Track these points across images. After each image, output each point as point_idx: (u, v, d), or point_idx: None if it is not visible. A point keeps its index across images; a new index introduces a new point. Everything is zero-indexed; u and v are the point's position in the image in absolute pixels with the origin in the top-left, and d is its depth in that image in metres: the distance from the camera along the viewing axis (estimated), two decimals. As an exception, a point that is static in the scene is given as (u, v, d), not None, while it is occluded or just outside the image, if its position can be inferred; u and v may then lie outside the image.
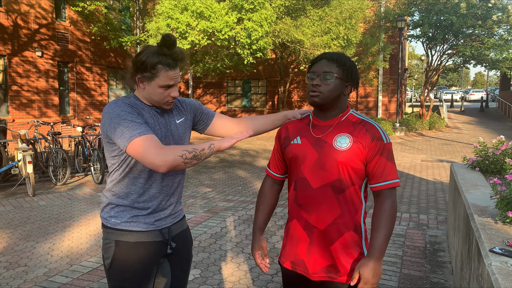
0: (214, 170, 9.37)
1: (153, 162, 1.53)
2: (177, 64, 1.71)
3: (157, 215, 1.79)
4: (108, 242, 1.77)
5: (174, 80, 1.70)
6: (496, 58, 17.16)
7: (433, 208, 5.98)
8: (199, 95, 23.04)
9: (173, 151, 1.55)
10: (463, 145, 13.42)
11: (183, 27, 10.55)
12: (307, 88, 1.68)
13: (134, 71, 1.72)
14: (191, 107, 1.95)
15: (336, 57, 1.65)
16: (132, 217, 1.75)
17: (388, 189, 1.64)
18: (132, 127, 1.58)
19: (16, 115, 12.70)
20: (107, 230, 1.78)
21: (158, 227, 1.79)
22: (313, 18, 13.71)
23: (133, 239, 1.74)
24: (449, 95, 37.96)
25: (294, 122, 1.83)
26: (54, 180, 7.84)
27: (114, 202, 1.77)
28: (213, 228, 5.08)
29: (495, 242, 2.02)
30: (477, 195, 3.02)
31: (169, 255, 1.87)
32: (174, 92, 1.73)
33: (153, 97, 1.73)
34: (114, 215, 1.76)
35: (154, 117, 1.76)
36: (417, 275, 3.67)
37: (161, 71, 1.67)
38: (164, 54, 1.67)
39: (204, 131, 2.02)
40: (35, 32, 13.19)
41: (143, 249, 1.75)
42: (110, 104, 1.68)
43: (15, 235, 4.90)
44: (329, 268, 1.67)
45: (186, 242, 1.95)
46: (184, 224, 1.96)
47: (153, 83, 1.69)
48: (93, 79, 15.43)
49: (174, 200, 1.86)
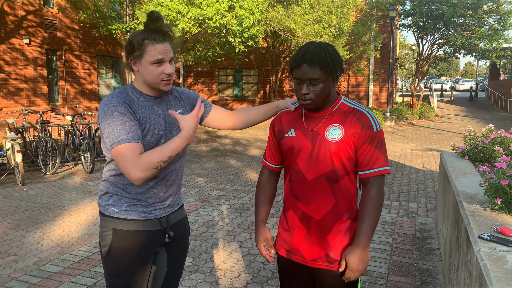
0: (205, 159, 9.35)
1: (129, 176, 1.57)
2: (165, 39, 1.68)
3: (156, 205, 1.79)
4: (105, 230, 1.76)
5: (164, 54, 1.66)
6: (486, 48, 17.28)
7: (423, 196, 6.05)
8: (190, 84, 22.88)
9: (148, 164, 1.56)
10: (452, 134, 13.56)
11: (174, 14, 10.41)
12: (296, 93, 1.65)
13: (127, 55, 1.71)
14: (190, 98, 1.92)
15: (317, 60, 1.56)
16: (131, 205, 1.74)
17: (375, 177, 1.64)
18: (119, 131, 1.59)
19: (4, 104, 12.50)
20: (104, 218, 1.77)
21: (156, 216, 1.79)
22: (305, 6, 13.63)
23: (131, 228, 1.73)
24: (439, 85, 38.15)
25: (287, 113, 1.81)
26: (44, 170, 7.76)
27: (111, 191, 1.76)
28: (205, 216, 5.09)
29: (484, 229, 2.05)
30: (467, 183, 3.05)
31: (167, 243, 1.86)
32: (167, 68, 1.68)
33: (147, 78, 1.69)
34: (113, 204, 1.76)
35: (151, 109, 1.73)
36: (407, 262, 3.72)
37: (148, 46, 1.64)
38: (150, 29, 1.65)
39: (201, 123, 1.99)
40: (22, 19, 12.93)
41: (141, 238, 1.75)
42: (106, 100, 1.66)
43: (4, 224, 4.86)
44: (326, 257, 1.68)
45: (184, 231, 1.94)
46: (182, 212, 1.95)
47: (144, 62, 1.67)
48: (82, 68, 15.22)
49: (173, 191, 1.84)
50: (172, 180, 1.82)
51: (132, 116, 1.64)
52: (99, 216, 1.82)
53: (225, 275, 3.51)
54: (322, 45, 1.60)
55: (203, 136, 13.05)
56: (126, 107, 1.65)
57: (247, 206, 5.57)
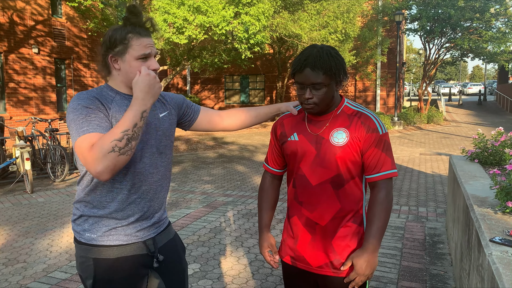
0: (213, 165, 9.36)
1: (91, 172, 1.36)
2: (149, 33, 1.56)
3: (139, 224, 1.59)
4: (84, 261, 1.54)
5: (150, 48, 1.53)
6: (494, 51, 17.15)
7: (432, 200, 5.99)
8: (197, 91, 22.98)
9: (102, 150, 1.33)
10: (461, 138, 13.43)
11: (180, 21, 10.49)
12: (298, 97, 1.62)
13: (105, 52, 1.54)
14: (174, 101, 1.79)
15: (320, 64, 1.52)
16: (110, 229, 1.54)
17: (383, 180, 1.62)
18: (81, 124, 1.40)
19: (14, 112, 12.65)
20: (81, 246, 1.55)
21: (141, 239, 1.59)
22: (310, 12, 13.66)
23: (113, 255, 1.53)
24: (447, 88, 37.94)
25: (289, 117, 1.78)
26: (53, 177, 7.81)
27: (87, 213, 1.55)
28: (212, 222, 5.08)
29: (495, 232, 2.01)
30: (477, 186, 3.01)
31: (160, 268, 1.66)
32: (154, 63, 1.54)
33: (130, 75, 1.52)
34: (88, 229, 1.54)
35: None
36: (417, 267, 3.67)
37: (133, 40, 1.50)
38: (132, 23, 1.52)
39: (190, 127, 1.87)
40: (31, 28, 13.11)
41: (127, 264, 1.55)
42: (73, 97, 1.50)
43: (13, 231, 4.88)
44: (332, 263, 1.66)
45: (177, 252, 1.74)
46: (170, 232, 1.75)
47: (127, 57, 1.51)
48: (90, 76, 15.38)
49: (157, 206, 1.65)
50: (157, 193, 1.63)
51: (100, 109, 1.46)
52: (74, 243, 1.59)
53: (233, 281, 3.48)
54: (324, 48, 1.57)
55: (210, 143, 13.07)
56: (94, 101, 1.47)
57: (254, 212, 5.55)
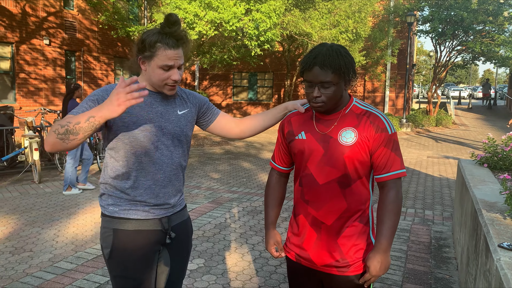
0: (219, 161, 9.37)
1: None
2: (178, 45, 1.63)
3: (156, 206, 1.76)
4: (106, 231, 1.74)
5: (174, 61, 1.62)
6: (506, 55, 16.95)
7: (439, 204, 5.95)
8: (205, 86, 22.99)
9: (51, 128, 1.51)
10: (470, 142, 13.32)
11: (191, 17, 10.49)
12: (307, 96, 1.62)
13: (136, 52, 1.68)
14: (197, 100, 1.89)
15: (329, 62, 1.52)
16: (131, 205, 1.72)
17: (392, 180, 1.61)
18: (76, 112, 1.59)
19: (23, 103, 12.75)
20: (105, 218, 1.75)
21: (157, 216, 1.76)
22: (322, 10, 13.58)
23: (131, 227, 1.71)
24: (456, 92, 37.58)
25: (297, 115, 1.77)
26: (60, 168, 7.87)
27: (111, 193, 1.75)
28: (218, 218, 5.09)
29: (504, 238, 1.99)
30: (486, 191, 2.99)
31: (169, 244, 1.84)
32: (174, 75, 1.64)
33: (152, 79, 1.67)
34: (112, 203, 1.74)
35: (149, 104, 1.70)
36: (422, 270, 3.66)
37: (160, 50, 1.61)
38: (165, 33, 1.61)
39: (207, 128, 1.98)
40: (43, 20, 13.18)
41: (142, 238, 1.72)
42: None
43: (21, 221, 4.93)
44: (337, 262, 1.65)
45: (187, 232, 1.91)
46: (184, 214, 1.92)
47: (152, 63, 1.64)
48: (100, 69, 15.44)
49: (172, 193, 1.80)
50: (168, 181, 1.77)
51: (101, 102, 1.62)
52: (101, 216, 1.79)
53: (237, 277, 3.49)
54: (334, 47, 1.56)
55: (216, 139, 13.09)
56: (104, 96, 1.64)
57: (259, 209, 5.55)
